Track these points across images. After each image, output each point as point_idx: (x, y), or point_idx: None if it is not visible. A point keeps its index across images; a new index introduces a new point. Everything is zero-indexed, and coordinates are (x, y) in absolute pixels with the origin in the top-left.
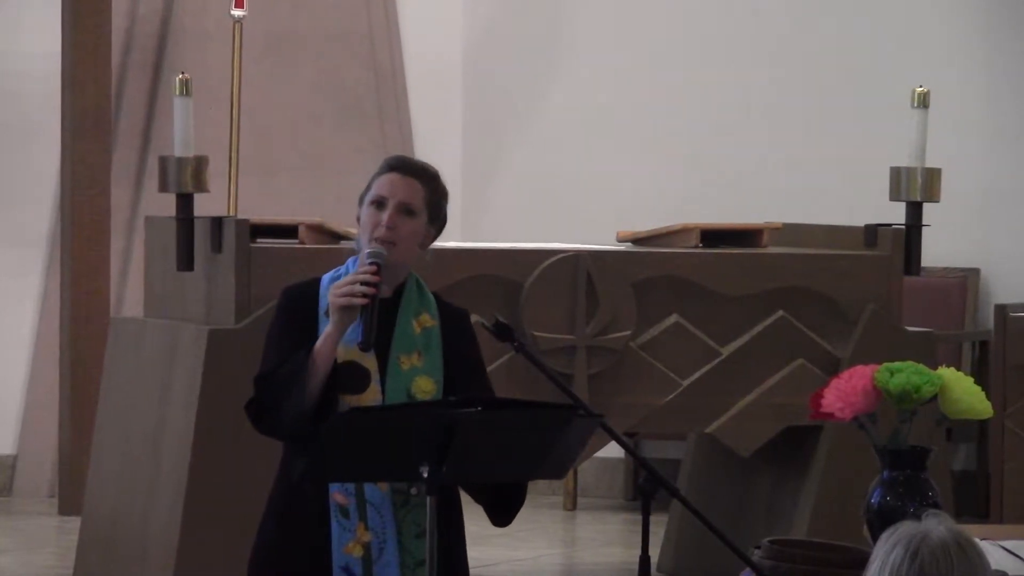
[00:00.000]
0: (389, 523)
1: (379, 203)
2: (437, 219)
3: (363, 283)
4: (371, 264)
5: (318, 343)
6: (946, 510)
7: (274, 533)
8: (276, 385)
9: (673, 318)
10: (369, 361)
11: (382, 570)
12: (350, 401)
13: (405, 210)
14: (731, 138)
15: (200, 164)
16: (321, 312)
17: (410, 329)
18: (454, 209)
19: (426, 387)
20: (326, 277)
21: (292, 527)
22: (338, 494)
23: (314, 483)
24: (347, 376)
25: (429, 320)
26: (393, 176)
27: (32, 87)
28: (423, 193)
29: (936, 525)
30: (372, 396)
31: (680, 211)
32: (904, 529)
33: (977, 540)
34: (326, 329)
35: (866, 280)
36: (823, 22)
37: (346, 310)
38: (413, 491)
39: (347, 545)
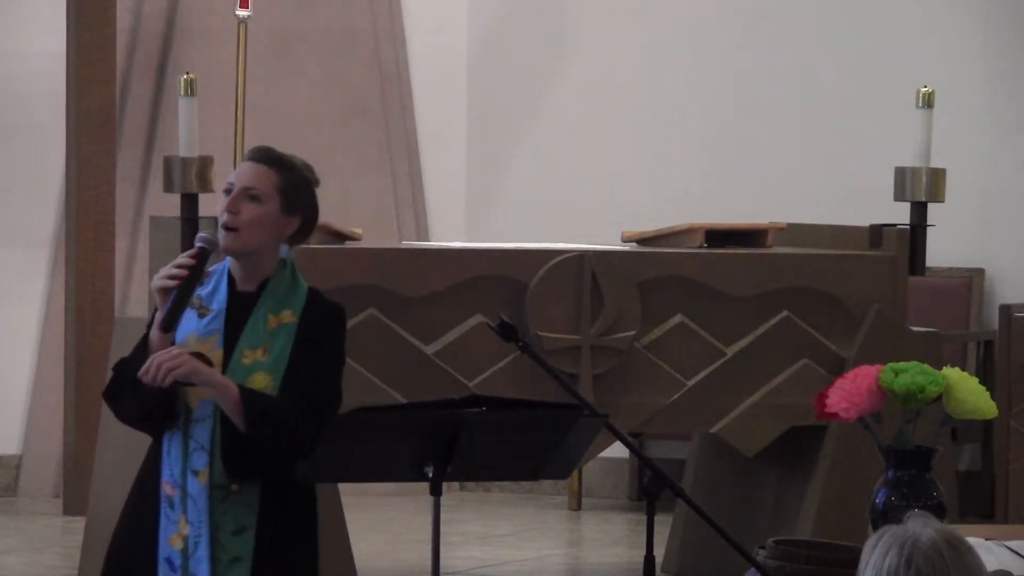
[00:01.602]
0: (205, 518)
1: (228, 190)
2: (295, 209)
3: (178, 266)
4: (196, 248)
5: (152, 330)
6: (951, 510)
7: (122, 522)
8: (124, 372)
9: (678, 318)
10: (216, 354)
11: (196, 565)
12: (188, 392)
13: (249, 195)
14: (736, 138)
15: (205, 164)
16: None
17: (262, 324)
18: (459, 209)
19: (261, 383)
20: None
21: (136, 518)
22: (167, 484)
23: (310, 482)
24: None
25: (289, 316)
26: (244, 164)
27: (37, 87)
28: (273, 180)
29: (923, 527)
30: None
31: (685, 211)
32: (891, 534)
33: (965, 537)
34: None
35: (871, 280)
36: (828, 22)
37: (162, 292)
38: (234, 487)
39: (171, 537)
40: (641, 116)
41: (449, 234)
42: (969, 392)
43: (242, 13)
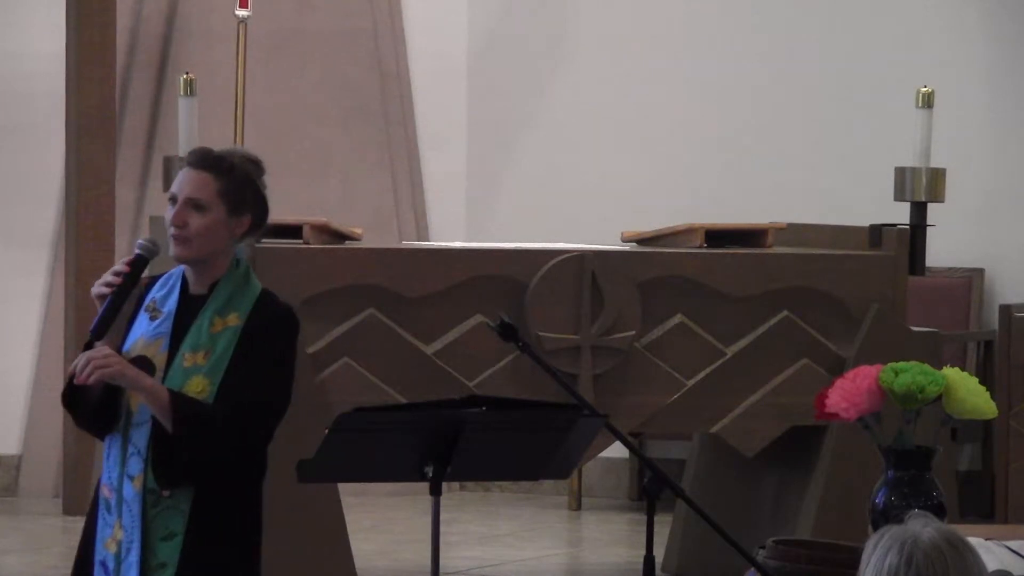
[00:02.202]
0: (138, 523)
1: (172, 199)
2: (242, 209)
3: (114, 273)
4: (134, 255)
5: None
6: (951, 510)
7: (86, 521)
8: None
9: (678, 318)
10: (160, 357)
11: (127, 570)
12: (130, 396)
13: (193, 205)
14: (735, 138)
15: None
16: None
17: (206, 327)
18: (458, 209)
19: (198, 387)
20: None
21: (89, 520)
22: (105, 488)
23: (311, 482)
24: None
25: (235, 319)
26: (185, 171)
27: (37, 87)
28: (215, 186)
29: (923, 527)
30: None
31: (685, 211)
32: (892, 534)
33: (965, 537)
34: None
35: (871, 280)
36: (828, 22)
37: (99, 299)
38: (165, 493)
39: (106, 540)
40: (641, 116)
41: (449, 234)
42: (969, 392)
43: (242, 13)
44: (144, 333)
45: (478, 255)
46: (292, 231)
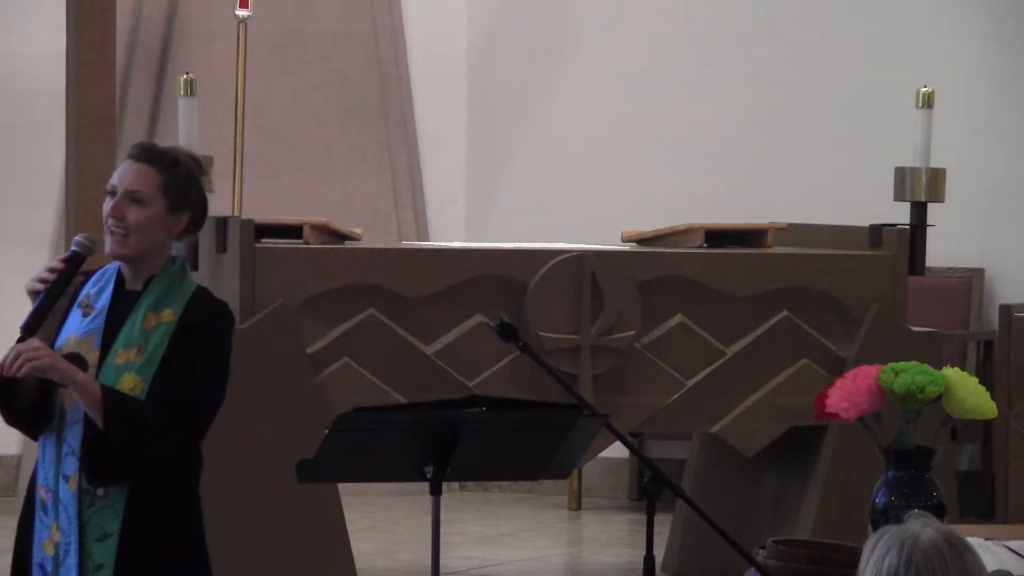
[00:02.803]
0: (75, 524)
1: (111, 192)
2: (183, 206)
3: (49, 269)
4: (69, 252)
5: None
6: (951, 510)
7: (19, 527)
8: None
9: (678, 318)
10: (92, 354)
11: (65, 572)
12: (64, 394)
13: (132, 198)
14: (735, 138)
15: (205, 164)
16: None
17: (139, 323)
18: (458, 209)
19: (130, 384)
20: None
21: (23, 521)
22: (42, 488)
23: (311, 482)
24: None
25: (169, 315)
26: (126, 163)
27: (37, 87)
28: (157, 180)
29: (922, 527)
30: None
31: (685, 211)
32: (891, 534)
33: (965, 537)
34: None
35: (871, 280)
36: (828, 23)
37: (32, 295)
38: (99, 492)
39: (43, 542)
40: (641, 116)
41: (449, 234)
42: (969, 392)
43: (242, 13)
44: (76, 329)
45: (478, 255)
46: (292, 231)
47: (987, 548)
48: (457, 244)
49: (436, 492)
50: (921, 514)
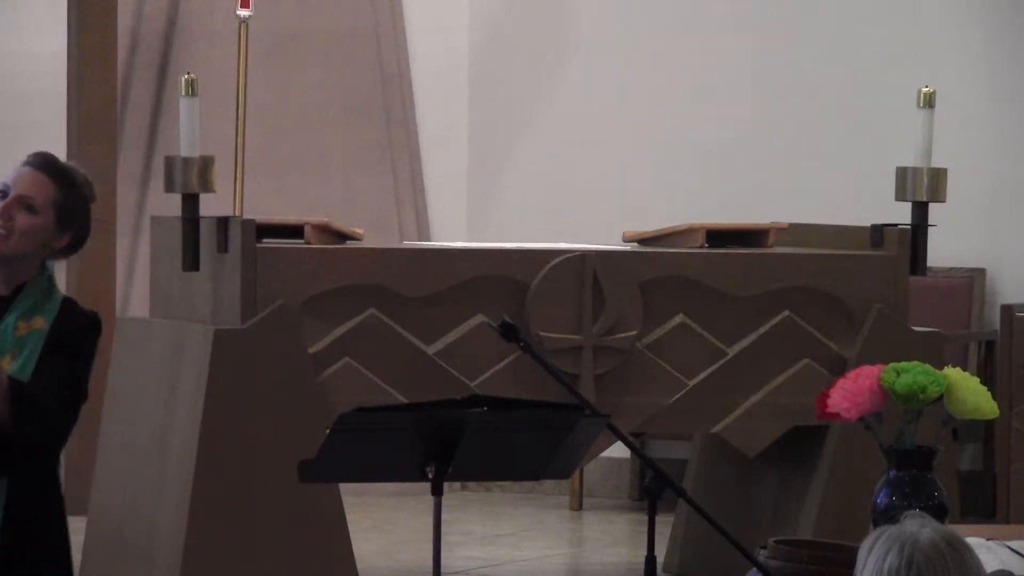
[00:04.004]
0: None
1: (4, 193)
2: (68, 226)
3: None
4: None
5: None
6: (952, 510)
7: None
8: None
9: (679, 318)
10: None
11: None
12: None
13: (24, 204)
14: (736, 138)
15: (206, 164)
16: None
17: (11, 330)
18: (460, 209)
19: None
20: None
21: None
22: None
23: (312, 482)
24: None
25: (41, 323)
26: (25, 169)
27: (38, 87)
28: (51, 192)
29: (920, 527)
30: None
31: (686, 211)
32: (889, 534)
33: (964, 536)
34: None
35: (872, 280)
36: (828, 23)
37: None
38: None
39: None
40: (642, 116)
41: (450, 234)
42: (970, 392)
43: (243, 13)
44: None
45: (479, 255)
46: (293, 231)
47: (988, 548)
48: (458, 244)
49: (437, 492)
50: (917, 514)
